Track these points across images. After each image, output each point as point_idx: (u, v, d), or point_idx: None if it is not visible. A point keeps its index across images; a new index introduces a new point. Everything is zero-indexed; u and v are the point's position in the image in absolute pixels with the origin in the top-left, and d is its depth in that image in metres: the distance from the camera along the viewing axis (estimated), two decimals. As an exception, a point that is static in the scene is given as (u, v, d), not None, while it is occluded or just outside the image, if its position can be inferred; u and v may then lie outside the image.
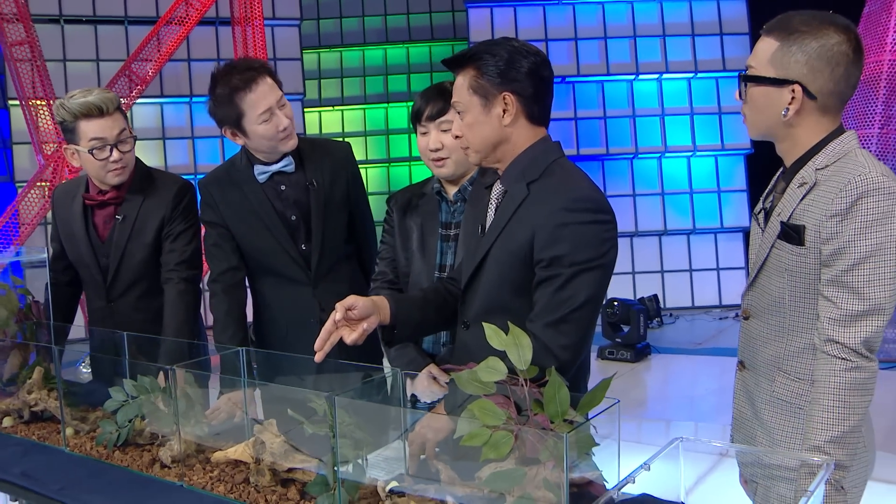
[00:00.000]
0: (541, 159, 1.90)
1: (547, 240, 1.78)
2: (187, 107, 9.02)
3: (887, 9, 6.65)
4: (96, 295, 2.83)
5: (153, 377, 2.03)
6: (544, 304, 1.80)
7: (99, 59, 8.73)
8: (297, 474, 1.75)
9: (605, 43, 9.05)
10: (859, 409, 1.64)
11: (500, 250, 1.88)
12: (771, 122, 1.77)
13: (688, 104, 9.05)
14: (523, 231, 1.83)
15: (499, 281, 1.89)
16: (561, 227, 1.77)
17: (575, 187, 1.84)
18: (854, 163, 1.67)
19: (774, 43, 1.72)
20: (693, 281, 9.13)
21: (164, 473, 1.91)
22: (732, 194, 9.06)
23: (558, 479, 1.36)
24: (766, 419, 1.83)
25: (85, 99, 2.59)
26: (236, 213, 2.64)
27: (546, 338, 1.77)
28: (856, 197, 1.62)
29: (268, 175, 2.63)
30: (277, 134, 2.53)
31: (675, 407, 6.01)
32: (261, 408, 2.22)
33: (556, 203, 1.80)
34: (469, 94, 1.89)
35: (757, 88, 1.76)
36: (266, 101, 2.50)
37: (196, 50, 8.87)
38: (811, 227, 1.69)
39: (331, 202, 2.66)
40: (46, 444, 2.19)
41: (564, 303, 1.78)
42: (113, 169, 2.65)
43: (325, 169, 2.66)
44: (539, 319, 1.80)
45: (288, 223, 2.64)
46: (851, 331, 1.64)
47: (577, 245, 1.77)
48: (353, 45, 10.73)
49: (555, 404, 1.35)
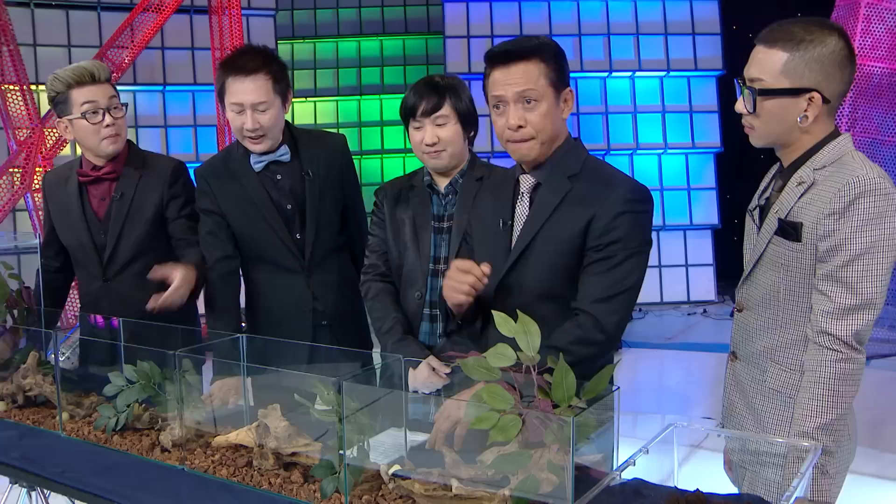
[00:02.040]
0: (574, 154, 2.02)
1: (605, 227, 1.92)
2: (160, 95, 8.94)
3: (854, 14, 6.80)
4: (91, 275, 2.82)
5: (153, 362, 2.05)
6: (596, 283, 1.93)
7: (71, 44, 8.62)
8: (300, 458, 1.79)
9: (579, 40, 9.13)
10: (847, 398, 1.72)
11: (548, 240, 1.97)
12: (783, 130, 1.83)
13: (660, 102, 9.16)
14: (575, 220, 1.94)
15: (549, 269, 1.98)
16: (620, 216, 1.91)
17: (625, 179, 2.00)
18: (852, 164, 1.75)
19: (783, 54, 1.76)
20: (662, 277, 9.26)
21: (165, 457, 1.94)
22: (702, 192, 9.20)
23: (563, 461, 1.42)
24: (757, 408, 1.91)
25: (77, 65, 2.66)
26: (232, 202, 2.65)
27: (597, 312, 1.91)
28: (853, 197, 1.70)
29: (263, 164, 2.64)
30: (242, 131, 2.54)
31: (646, 400, 6.11)
32: (251, 394, 2.25)
33: (614, 194, 1.93)
34: (546, 84, 1.94)
35: (771, 101, 1.80)
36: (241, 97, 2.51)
37: (170, 38, 8.79)
38: (808, 224, 1.76)
39: (325, 192, 2.69)
40: (42, 429, 2.20)
41: (618, 282, 1.93)
42: (107, 136, 2.68)
43: (321, 159, 2.68)
44: (589, 297, 1.93)
45: (283, 212, 2.66)
46: (844, 323, 1.72)
47: (632, 231, 1.92)
48: (326, 36, 10.70)
49: (562, 389, 1.40)
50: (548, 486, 1.45)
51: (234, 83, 2.50)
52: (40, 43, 8.55)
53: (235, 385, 2.24)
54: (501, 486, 1.52)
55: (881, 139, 6.87)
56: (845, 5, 6.93)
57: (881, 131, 6.87)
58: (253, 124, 2.51)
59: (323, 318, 2.72)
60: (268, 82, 2.52)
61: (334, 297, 2.73)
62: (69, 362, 3.59)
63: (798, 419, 1.74)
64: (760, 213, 1.95)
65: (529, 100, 1.94)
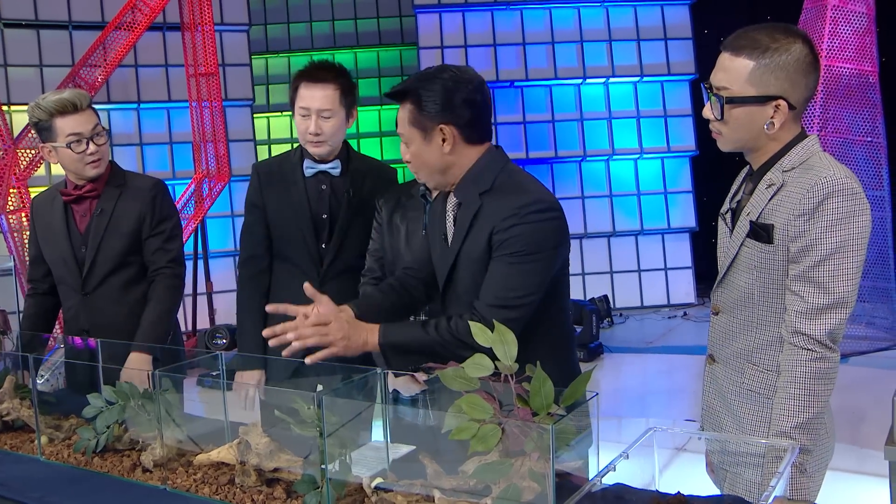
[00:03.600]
0: (487, 170, 2.06)
1: (501, 238, 1.97)
2: (135, 113, 8.90)
3: (821, 16, 6.90)
4: (71, 289, 2.90)
5: (132, 383, 2.04)
6: (490, 287, 1.99)
7: (42, 64, 8.57)
8: (282, 474, 1.78)
9: (552, 48, 9.19)
10: (823, 397, 1.75)
11: (467, 259, 2.05)
12: (751, 136, 1.85)
13: (634, 107, 9.23)
14: (482, 239, 2.00)
15: (473, 287, 2.05)
16: (514, 226, 1.96)
17: (526, 191, 2.02)
18: (819, 165, 1.78)
19: (748, 62, 1.78)
20: (642, 281, 9.31)
21: (147, 478, 1.92)
22: (679, 195, 9.27)
23: (543, 469, 1.42)
24: (735, 409, 1.93)
25: (59, 97, 2.73)
26: (275, 198, 2.83)
27: (489, 315, 1.91)
28: (822, 197, 1.72)
29: (315, 171, 2.81)
30: (306, 134, 2.72)
31: (628, 405, 6.14)
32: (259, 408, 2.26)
33: (508, 205, 1.98)
34: (409, 126, 2.04)
35: (739, 108, 1.82)
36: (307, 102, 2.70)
37: (143, 56, 8.76)
38: (779, 225, 1.79)
39: (360, 214, 2.81)
40: (21, 454, 2.18)
41: (510, 289, 1.97)
42: (90, 161, 2.79)
43: (367, 183, 2.82)
44: (483, 299, 1.99)
45: (317, 220, 2.81)
46: (817, 323, 1.74)
47: (526, 239, 1.96)
48: (300, 50, 10.69)
49: (540, 397, 1.41)
50: (529, 495, 1.46)
51: (304, 89, 2.70)
52: (11, 63, 8.50)
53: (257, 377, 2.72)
54: (483, 496, 1.52)
55: (852, 139, 6.96)
56: (813, 7, 7.03)
57: (852, 131, 6.96)
58: (316, 129, 2.69)
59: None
60: (336, 92, 2.70)
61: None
62: (48, 384, 3.57)
63: (776, 419, 1.76)
64: (732, 216, 1.97)
65: (406, 142, 2.08)
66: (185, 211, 7.87)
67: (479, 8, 9.25)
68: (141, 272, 2.89)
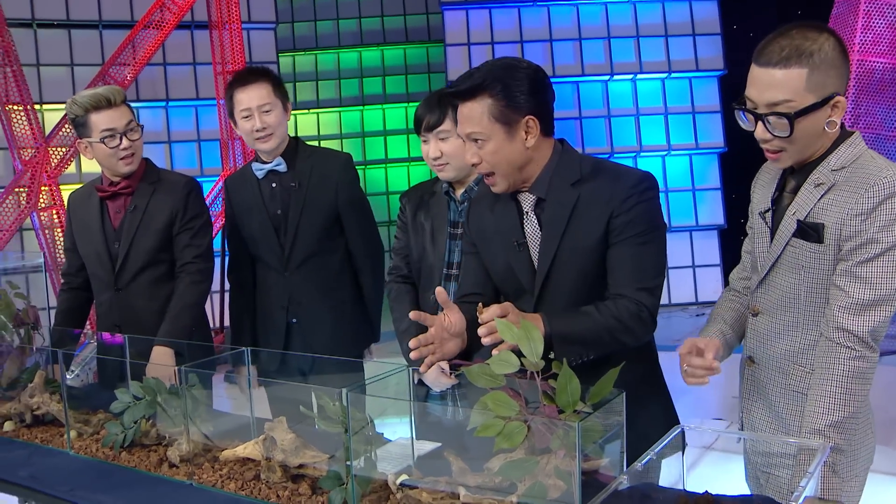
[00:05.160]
0: (568, 161, 1.99)
1: (626, 221, 1.92)
2: (163, 111, 8.97)
3: (854, 10, 6.79)
4: (104, 284, 2.95)
5: (158, 378, 2.06)
6: (631, 270, 1.94)
7: (73, 63, 8.66)
8: (307, 470, 1.79)
9: (579, 44, 9.13)
10: (859, 396, 1.72)
11: (572, 251, 1.96)
12: (815, 142, 1.80)
13: (662, 104, 9.15)
14: (595, 224, 1.94)
15: (579, 278, 1.98)
16: (636, 206, 1.92)
17: (628, 170, 2.00)
18: (873, 165, 1.76)
19: (802, 70, 1.72)
20: (669, 279, 9.24)
21: (174, 473, 1.94)
22: (707, 192, 9.18)
23: (569, 466, 1.41)
24: (780, 411, 1.90)
25: (94, 92, 2.81)
26: (238, 206, 3.05)
27: (641, 298, 1.93)
28: (883, 197, 1.70)
29: (263, 172, 2.99)
30: (252, 133, 2.89)
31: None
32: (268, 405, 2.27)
33: (624, 187, 1.94)
34: (490, 122, 1.90)
35: (805, 120, 1.75)
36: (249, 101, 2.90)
37: (172, 54, 8.82)
38: (831, 225, 1.76)
39: (311, 202, 2.95)
40: (51, 447, 2.21)
41: (651, 268, 1.95)
42: (123, 157, 2.85)
43: (313, 172, 2.96)
44: (629, 284, 1.93)
45: (274, 217, 2.97)
46: (860, 319, 1.72)
47: (650, 217, 1.94)
48: (327, 47, 10.72)
49: (566, 394, 1.40)
50: (555, 492, 1.44)
51: (239, 94, 2.90)
52: (43, 63, 8.60)
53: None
54: (509, 493, 1.51)
55: (885, 134, 6.85)
56: (845, 1, 6.92)
57: (885, 126, 6.85)
58: (261, 124, 2.87)
59: (294, 317, 2.98)
60: (268, 87, 2.91)
61: (308, 298, 2.98)
62: (78, 380, 3.61)
63: (809, 416, 1.73)
64: (773, 215, 1.93)
65: (478, 139, 1.93)
66: (213, 208, 7.92)
67: (505, 5, 9.21)
68: (172, 269, 2.93)
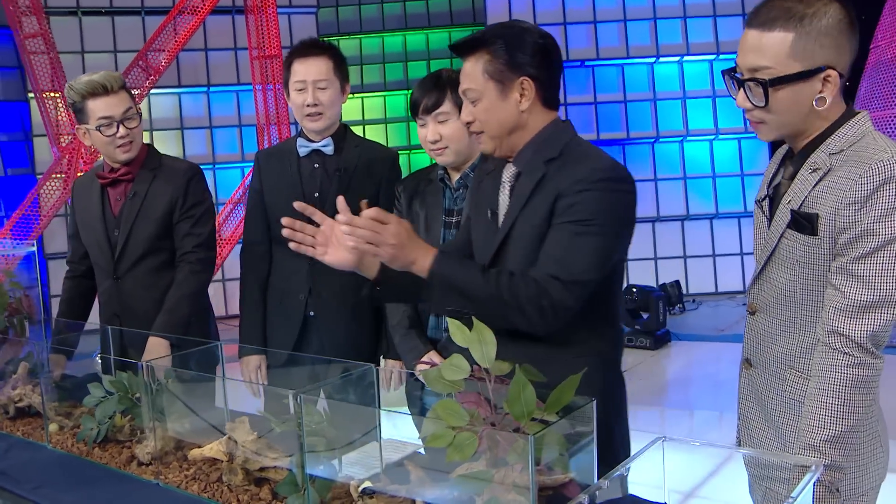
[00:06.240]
0: (555, 139, 1.89)
1: (568, 203, 1.79)
2: (205, 96, 9.02)
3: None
4: (105, 273, 2.88)
5: (132, 373, 1.99)
6: (551, 257, 1.80)
7: (116, 50, 8.75)
8: (271, 473, 1.70)
9: (624, 25, 8.90)
10: (860, 407, 1.54)
11: (523, 227, 1.86)
12: (799, 118, 1.64)
13: (710, 87, 8.87)
14: (544, 204, 1.82)
15: (527, 256, 1.85)
16: (584, 192, 1.78)
17: (598, 157, 1.86)
18: (873, 147, 1.56)
19: (787, 34, 1.57)
20: (717, 266, 8.98)
21: (141, 471, 1.87)
22: (756, 178, 8.87)
23: (527, 481, 1.30)
24: (776, 419, 1.73)
25: (90, 78, 2.73)
26: (271, 180, 2.83)
27: (551, 288, 1.77)
28: (878, 184, 1.51)
29: (308, 150, 2.78)
30: (303, 108, 2.71)
31: (697, 395, 5.91)
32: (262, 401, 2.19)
33: (580, 170, 1.81)
34: (484, 79, 1.86)
35: (784, 89, 1.60)
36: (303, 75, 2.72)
37: (213, 39, 8.85)
38: (825, 215, 1.58)
39: (352, 193, 2.73)
40: (30, 441, 2.16)
41: (576, 261, 1.78)
42: (120, 144, 2.78)
43: (361, 164, 2.78)
44: (543, 269, 1.79)
45: (308, 199, 2.74)
46: (858, 323, 1.54)
47: (597, 208, 1.78)
48: (372, 31, 10.63)
49: (520, 404, 1.28)
50: (515, 508, 1.33)
51: (297, 64, 2.71)
52: (87, 50, 8.70)
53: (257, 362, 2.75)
54: (468, 507, 1.40)
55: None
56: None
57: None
58: (313, 99, 2.69)
59: (313, 310, 2.78)
60: (329, 63, 2.71)
61: (330, 293, 2.76)
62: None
63: (804, 430, 1.56)
64: (770, 203, 1.77)
65: (472, 97, 1.89)
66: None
67: (549, -15, 9.03)
68: (172, 258, 2.85)
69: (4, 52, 8.38)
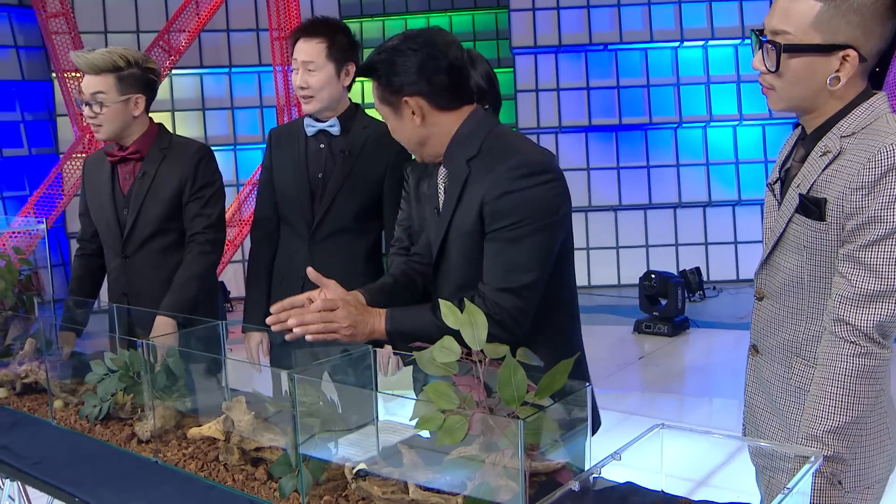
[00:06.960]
0: (472, 135, 1.90)
1: (492, 211, 1.81)
2: (227, 77, 9.02)
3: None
4: (113, 252, 2.88)
5: (135, 350, 2.00)
6: (493, 269, 1.83)
7: (139, 30, 8.77)
8: (267, 453, 1.70)
9: (648, 9, 8.78)
10: (866, 399, 1.50)
11: (457, 232, 1.91)
12: (809, 93, 1.58)
13: (734, 72, 8.74)
14: (472, 209, 1.85)
15: (463, 262, 1.91)
16: (504, 195, 1.79)
17: (511, 154, 1.85)
18: (885, 130, 1.50)
19: (815, 3, 1.51)
20: (738, 253, 8.89)
21: (141, 449, 1.88)
22: (780, 165, 8.78)
23: (516, 466, 1.28)
24: (781, 408, 1.69)
25: (79, 54, 2.71)
26: (279, 159, 2.83)
27: (498, 300, 1.81)
28: (886, 168, 1.46)
29: (315, 130, 2.76)
30: (297, 89, 2.71)
31: (716, 383, 5.87)
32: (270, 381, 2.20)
33: (496, 172, 1.81)
34: (380, 105, 1.93)
35: (798, 59, 1.54)
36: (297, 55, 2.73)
37: (235, 20, 8.85)
38: (833, 200, 1.52)
39: (357, 175, 2.75)
40: (35, 417, 2.18)
41: (517, 268, 1.81)
42: (89, 124, 2.78)
43: (368, 146, 2.75)
44: (490, 283, 1.83)
45: (313, 179, 2.77)
46: (864, 312, 1.49)
47: (521, 209, 1.79)
48: (395, 14, 10.59)
49: (510, 388, 1.26)
50: (505, 494, 1.32)
51: (297, 44, 2.70)
52: (111, 30, 8.73)
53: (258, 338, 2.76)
54: (460, 491, 1.39)
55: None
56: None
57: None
58: (301, 82, 2.67)
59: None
60: (321, 45, 2.66)
61: (328, 275, 2.71)
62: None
63: (806, 420, 1.52)
64: (781, 187, 1.72)
65: (383, 118, 1.97)
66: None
67: (572, -32, 8.92)
68: (181, 238, 2.83)
69: (28, 32, 8.43)
